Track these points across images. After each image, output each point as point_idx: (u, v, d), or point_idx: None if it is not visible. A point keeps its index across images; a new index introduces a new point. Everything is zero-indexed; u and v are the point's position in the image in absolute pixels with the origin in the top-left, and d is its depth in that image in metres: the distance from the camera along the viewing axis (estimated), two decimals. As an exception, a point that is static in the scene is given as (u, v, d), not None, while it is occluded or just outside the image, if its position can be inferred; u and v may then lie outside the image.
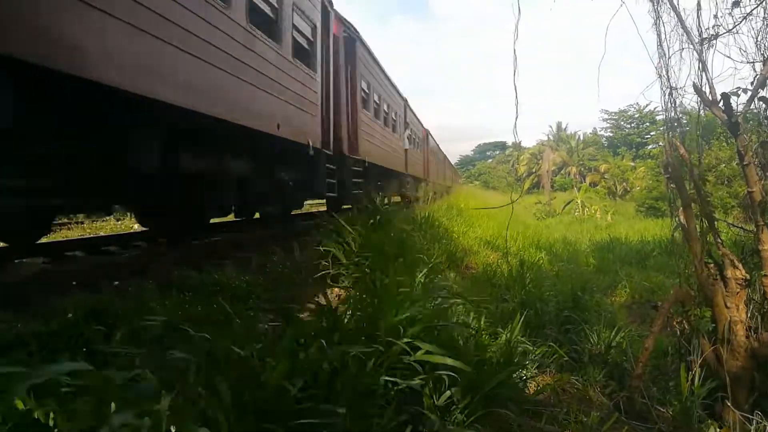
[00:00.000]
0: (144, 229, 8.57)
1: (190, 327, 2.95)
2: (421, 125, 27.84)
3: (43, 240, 7.53)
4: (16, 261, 5.89)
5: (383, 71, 17.17)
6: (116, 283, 4.68)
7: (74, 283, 4.73)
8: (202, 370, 2.27)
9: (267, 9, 7.59)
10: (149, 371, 2.09)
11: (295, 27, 8.71)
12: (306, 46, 9.53)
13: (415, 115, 25.40)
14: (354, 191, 11.88)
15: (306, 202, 15.02)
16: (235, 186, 7.84)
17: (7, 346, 2.85)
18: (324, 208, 14.48)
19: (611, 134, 67.89)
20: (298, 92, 8.81)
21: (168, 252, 6.65)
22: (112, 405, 1.68)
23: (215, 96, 5.85)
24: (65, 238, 10.49)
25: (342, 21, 12.30)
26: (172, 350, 2.47)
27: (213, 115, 5.68)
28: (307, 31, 9.54)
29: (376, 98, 15.74)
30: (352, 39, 12.86)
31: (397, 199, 20.60)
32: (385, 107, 17.50)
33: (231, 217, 11.03)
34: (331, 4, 11.16)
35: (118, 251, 7.13)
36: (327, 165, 10.45)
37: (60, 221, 14.65)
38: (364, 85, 14.10)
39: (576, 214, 32.54)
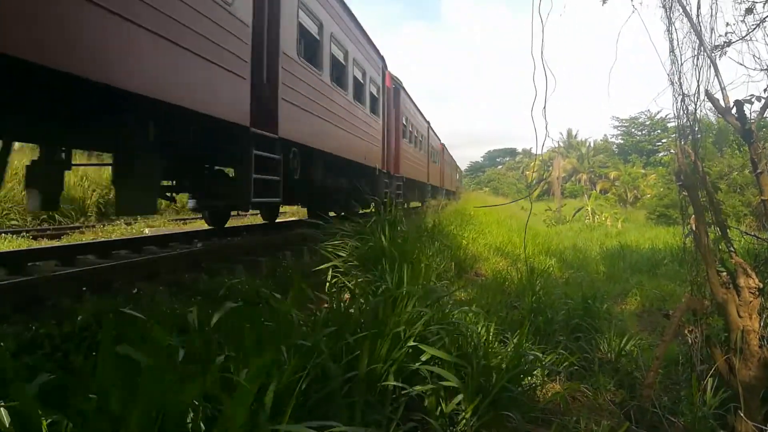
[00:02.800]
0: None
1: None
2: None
3: (56, 243, 7.59)
4: (29, 264, 5.95)
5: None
6: (135, 290, 4.72)
7: (84, 288, 4.77)
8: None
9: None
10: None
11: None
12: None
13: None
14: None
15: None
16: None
17: (22, 348, 2.88)
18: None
19: (622, 141, 67.68)
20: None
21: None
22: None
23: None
24: (77, 242, 10.57)
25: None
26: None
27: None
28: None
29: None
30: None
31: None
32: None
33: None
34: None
35: (128, 255, 7.17)
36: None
37: (72, 225, 14.79)
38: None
39: (586, 221, 32.35)
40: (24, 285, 4.74)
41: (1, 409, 1.87)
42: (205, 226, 11.79)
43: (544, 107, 4.58)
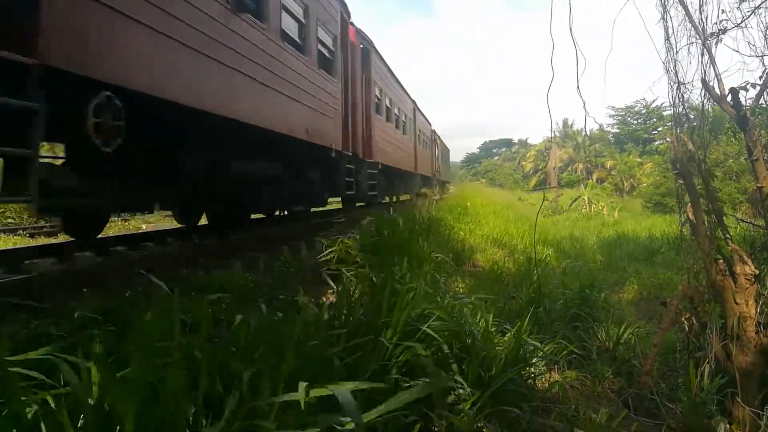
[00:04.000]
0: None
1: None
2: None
3: (53, 241, 7.56)
4: (26, 262, 5.93)
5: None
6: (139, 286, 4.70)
7: (80, 286, 4.76)
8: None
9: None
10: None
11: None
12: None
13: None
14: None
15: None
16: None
17: (20, 348, 2.87)
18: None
19: (618, 130, 67.60)
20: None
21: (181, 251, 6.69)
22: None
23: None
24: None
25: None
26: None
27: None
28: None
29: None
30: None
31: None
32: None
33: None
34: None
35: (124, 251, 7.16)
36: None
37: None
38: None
39: (583, 210, 32.42)
40: (22, 283, 4.74)
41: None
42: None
43: (578, 86, 4.55)
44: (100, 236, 7.47)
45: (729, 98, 4.25)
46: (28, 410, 1.67)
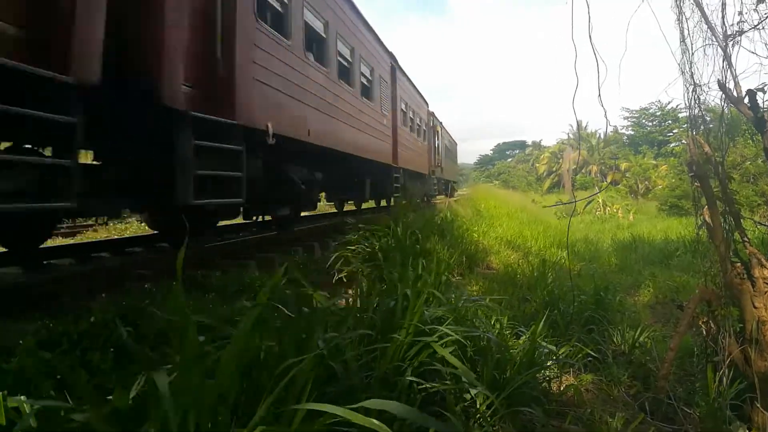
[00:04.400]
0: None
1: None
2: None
3: (71, 241, 7.63)
4: (44, 262, 6.00)
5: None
6: (146, 285, 4.75)
7: (97, 286, 4.82)
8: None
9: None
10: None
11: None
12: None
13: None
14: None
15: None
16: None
17: (40, 345, 2.92)
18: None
19: (632, 132, 67.11)
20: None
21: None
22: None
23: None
24: (91, 240, 10.66)
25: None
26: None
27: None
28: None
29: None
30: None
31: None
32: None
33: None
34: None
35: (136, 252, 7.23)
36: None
37: (85, 223, 14.91)
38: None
39: (597, 213, 32.21)
40: (40, 282, 4.81)
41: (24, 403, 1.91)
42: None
43: (599, 95, 4.52)
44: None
45: (746, 100, 4.20)
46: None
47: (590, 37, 4.34)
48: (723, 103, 4.51)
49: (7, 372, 2.53)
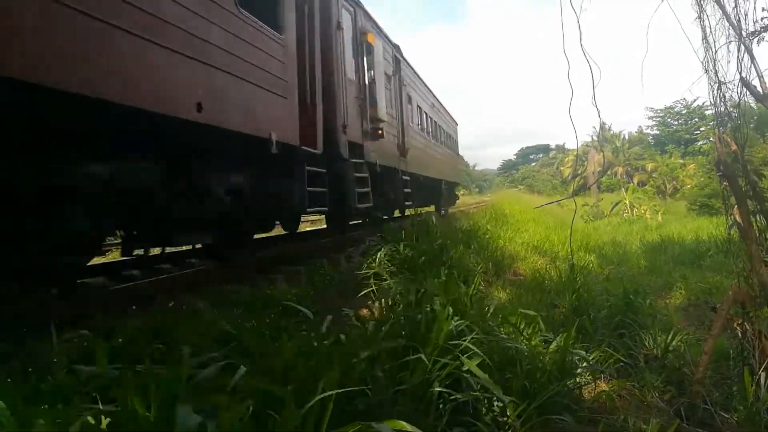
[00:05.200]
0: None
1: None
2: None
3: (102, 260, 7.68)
4: (78, 281, 6.10)
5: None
6: (171, 303, 4.82)
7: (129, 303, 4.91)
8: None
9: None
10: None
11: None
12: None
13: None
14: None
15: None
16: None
17: (73, 361, 2.99)
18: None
19: (658, 132, 66.11)
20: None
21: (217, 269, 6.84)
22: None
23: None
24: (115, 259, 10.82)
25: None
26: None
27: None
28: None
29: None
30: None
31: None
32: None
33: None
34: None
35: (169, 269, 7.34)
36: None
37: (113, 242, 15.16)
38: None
39: (624, 215, 31.76)
40: (71, 301, 4.92)
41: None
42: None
43: (594, 97, 4.52)
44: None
45: (773, 96, 4.14)
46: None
47: (582, 45, 4.34)
48: (742, 99, 4.44)
49: (44, 392, 2.60)
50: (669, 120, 65.40)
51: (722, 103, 4.74)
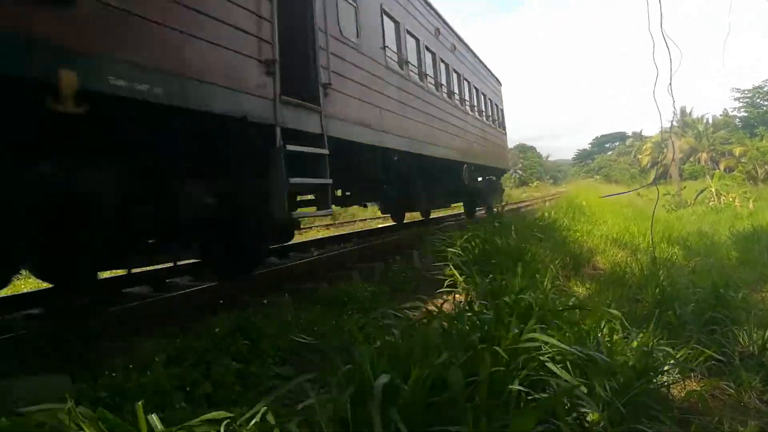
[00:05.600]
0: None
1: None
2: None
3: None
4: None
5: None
6: (265, 301, 5.04)
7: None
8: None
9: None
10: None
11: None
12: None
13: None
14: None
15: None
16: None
17: (168, 360, 3.18)
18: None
19: (746, 114, 62.11)
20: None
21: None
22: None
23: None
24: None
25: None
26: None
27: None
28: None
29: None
30: None
31: None
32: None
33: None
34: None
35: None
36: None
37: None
38: None
39: (711, 203, 30.04)
40: (159, 302, 5.20)
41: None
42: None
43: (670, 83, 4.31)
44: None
45: None
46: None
47: (661, 27, 4.10)
48: None
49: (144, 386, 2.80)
50: (758, 100, 61.31)
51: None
